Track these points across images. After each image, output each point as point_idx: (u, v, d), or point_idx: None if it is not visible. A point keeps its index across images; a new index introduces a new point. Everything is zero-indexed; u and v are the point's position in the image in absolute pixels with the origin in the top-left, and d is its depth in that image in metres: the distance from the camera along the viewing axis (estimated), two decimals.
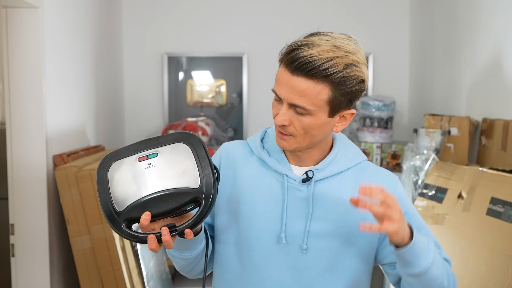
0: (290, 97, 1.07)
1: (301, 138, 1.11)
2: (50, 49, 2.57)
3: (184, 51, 4.21)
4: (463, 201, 2.14)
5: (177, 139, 1.09)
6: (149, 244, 1.04)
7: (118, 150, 1.10)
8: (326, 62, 1.04)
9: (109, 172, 1.08)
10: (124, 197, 1.06)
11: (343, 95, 1.08)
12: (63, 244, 2.69)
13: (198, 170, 1.07)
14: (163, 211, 1.05)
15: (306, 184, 1.16)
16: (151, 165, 1.07)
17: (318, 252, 1.15)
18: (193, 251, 1.18)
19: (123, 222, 1.05)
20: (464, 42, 3.00)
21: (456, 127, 2.68)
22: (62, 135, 2.73)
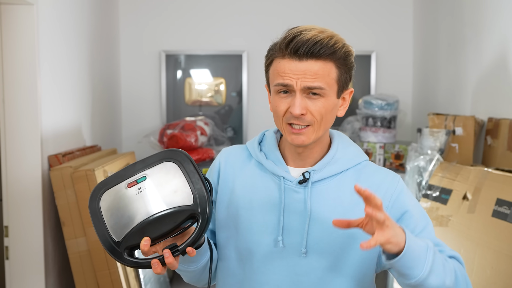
0: (304, 82, 1.09)
1: (317, 126, 1.12)
2: (45, 47, 2.57)
3: (182, 48, 4.21)
4: (468, 202, 2.14)
5: (162, 158, 1.11)
6: (154, 269, 1.05)
7: (106, 179, 1.12)
8: (329, 40, 1.10)
9: (101, 204, 1.10)
10: (120, 226, 1.07)
11: (346, 72, 1.14)
12: (58, 247, 2.69)
13: (189, 186, 1.08)
14: (161, 234, 1.06)
15: (303, 185, 1.16)
16: (141, 189, 1.08)
17: (317, 255, 1.15)
18: (198, 263, 1.19)
19: (124, 251, 1.07)
20: (469, 39, 3.00)
21: (461, 127, 2.68)
22: (57, 135, 2.73)
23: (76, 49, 3.09)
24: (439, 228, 2.21)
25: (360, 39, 4.18)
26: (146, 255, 1.06)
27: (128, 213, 1.07)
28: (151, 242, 1.05)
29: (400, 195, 1.17)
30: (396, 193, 1.17)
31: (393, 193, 1.16)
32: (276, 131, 1.26)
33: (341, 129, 3.90)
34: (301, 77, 1.09)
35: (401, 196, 1.17)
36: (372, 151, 3.55)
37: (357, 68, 4.19)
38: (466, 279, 1.14)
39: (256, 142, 1.25)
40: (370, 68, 4.18)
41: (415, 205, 1.19)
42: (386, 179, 1.19)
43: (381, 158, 3.54)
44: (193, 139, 3.60)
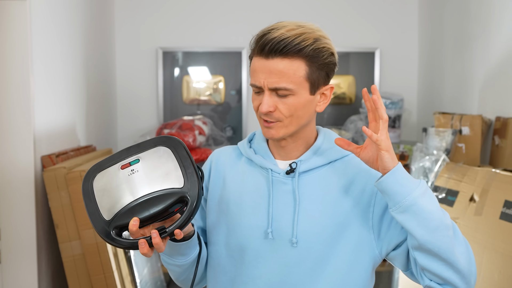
0: (270, 82, 1.15)
1: (288, 122, 1.18)
2: (38, 44, 2.57)
3: (180, 45, 4.21)
4: (475, 204, 2.14)
5: (157, 143, 1.18)
6: (141, 249, 1.09)
7: (100, 161, 1.18)
8: (296, 38, 1.13)
9: (94, 184, 1.15)
10: (110, 206, 1.12)
11: (319, 68, 1.17)
12: (52, 250, 2.69)
13: (181, 169, 1.14)
14: (150, 215, 1.11)
15: (291, 176, 1.22)
16: (134, 171, 1.14)
17: (307, 245, 1.19)
18: (187, 257, 1.23)
19: (113, 231, 1.11)
20: (476, 35, 3.00)
21: (468, 126, 2.68)
22: (51, 135, 2.73)
23: (70, 46, 3.09)
24: None
25: (364, 36, 4.18)
26: (134, 236, 1.10)
27: (119, 193, 1.13)
28: (140, 224, 1.09)
29: None
30: None
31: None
32: None
33: (344, 128, 3.90)
34: (267, 76, 1.15)
35: None
36: None
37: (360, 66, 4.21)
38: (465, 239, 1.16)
39: (247, 140, 1.33)
40: (374, 66, 4.18)
41: None
42: (371, 172, 1.23)
43: None
44: (191, 139, 3.61)
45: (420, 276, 1.17)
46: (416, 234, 1.09)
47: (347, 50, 4.18)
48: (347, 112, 4.20)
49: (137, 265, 2.85)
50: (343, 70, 4.22)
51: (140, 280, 2.85)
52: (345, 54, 4.19)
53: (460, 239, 1.13)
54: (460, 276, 1.12)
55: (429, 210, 1.08)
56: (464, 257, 1.12)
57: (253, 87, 1.19)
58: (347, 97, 4.24)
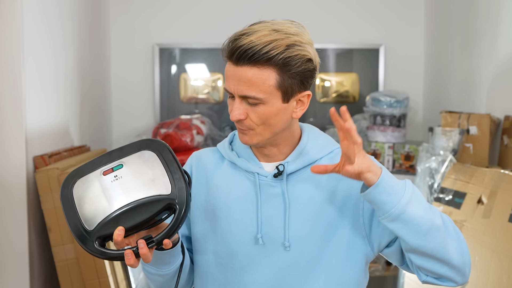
0: (239, 89, 1.14)
1: (261, 130, 1.18)
2: (30, 40, 2.57)
3: (177, 42, 4.21)
4: (483, 206, 2.14)
5: (141, 147, 1.14)
6: (127, 260, 1.07)
7: (80, 166, 1.14)
8: (266, 46, 1.11)
9: (73, 191, 1.11)
10: (93, 214, 1.09)
11: (291, 77, 1.14)
12: (44, 254, 2.69)
13: (168, 175, 1.11)
14: (136, 224, 1.08)
15: (279, 179, 1.22)
16: (117, 177, 1.11)
17: (300, 247, 1.20)
18: (171, 266, 1.22)
19: (96, 241, 1.08)
20: (484, 32, 3.00)
21: (476, 126, 2.68)
22: (43, 134, 2.73)
23: (63, 42, 3.09)
24: None
25: (368, 32, 4.18)
26: (118, 246, 1.08)
27: (102, 201, 1.09)
28: (125, 233, 1.07)
29: None
30: None
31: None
32: None
33: None
34: (237, 83, 1.15)
35: None
36: (381, 151, 3.55)
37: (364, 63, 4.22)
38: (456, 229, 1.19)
39: (227, 142, 1.32)
40: (378, 63, 4.18)
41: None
42: None
43: (390, 159, 3.55)
44: (188, 138, 3.61)
45: (417, 272, 1.20)
46: (408, 240, 1.11)
47: (351, 47, 4.18)
48: (351, 110, 4.19)
49: (133, 270, 2.86)
50: (346, 67, 4.23)
51: (136, 285, 2.85)
52: (348, 51, 4.20)
53: (451, 234, 1.16)
54: (455, 271, 1.16)
55: (419, 216, 1.10)
56: (458, 252, 1.16)
57: (226, 91, 1.19)
58: (351, 96, 4.25)
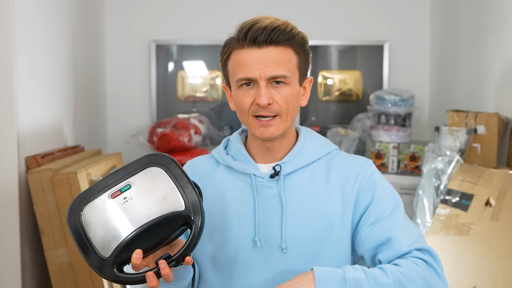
0: (268, 71, 1.18)
1: (285, 116, 1.21)
2: (22, 37, 2.57)
3: (174, 38, 4.21)
4: (491, 208, 2.14)
5: (146, 163, 1.13)
6: (149, 283, 1.07)
7: (85, 191, 1.13)
8: (286, 26, 1.20)
9: (82, 219, 1.10)
10: (107, 241, 1.08)
11: (305, 58, 1.24)
12: (37, 258, 2.69)
13: (179, 190, 1.10)
14: (153, 244, 1.08)
15: (276, 179, 1.24)
16: (127, 199, 1.10)
17: (298, 250, 1.21)
18: (184, 281, 1.23)
19: (114, 268, 1.08)
20: (492, 28, 3.00)
21: (484, 125, 2.68)
22: (36, 134, 2.74)
23: (56, 39, 3.09)
24: (459, 237, 2.21)
25: (372, 28, 4.18)
26: (137, 269, 1.09)
27: (115, 226, 1.08)
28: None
29: (370, 178, 1.25)
30: (366, 177, 1.25)
31: (363, 177, 1.25)
32: (241, 132, 1.34)
33: (351, 127, 3.90)
34: (263, 66, 1.18)
35: (371, 180, 1.25)
36: (385, 151, 3.55)
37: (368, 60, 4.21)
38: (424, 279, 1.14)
39: (222, 147, 1.34)
40: (383, 60, 4.18)
41: (385, 188, 1.26)
42: (357, 163, 1.28)
43: (395, 159, 3.55)
44: (186, 138, 3.61)
45: None
46: None
47: (354, 43, 4.18)
48: (354, 109, 4.20)
49: None
50: (349, 64, 4.23)
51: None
52: (351, 48, 4.20)
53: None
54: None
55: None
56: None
57: (240, 81, 1.20)
58: (354, 94, 4.25)
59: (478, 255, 2.08)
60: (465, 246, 2.15)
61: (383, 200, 1.23)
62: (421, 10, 4.20)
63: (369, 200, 1.23)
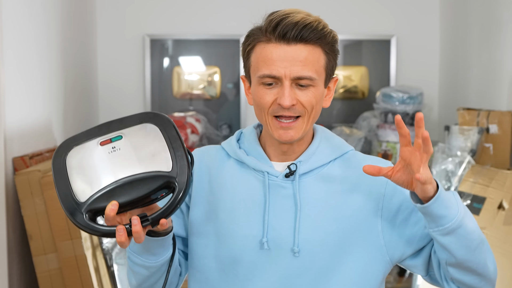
0: (294, 71, 1.15)
1: (307, 118, 1.19)
2: (10, 31, 2.57)
3: (170, 32, 4.21)
4: (504, 212, 2.14)
5: (143, 119, 1.14)
6: (118, 236, 1.07)
7: (76, 135, 1.14)
8: (318, 24, 1.17)
9: (67, 160, 1.12)
10: (85, 186, 1.09)
11: (333, 58, 1.21)
12: (24, 264, 2.69)
13: (170, 151, 1.11)
14: (131, 199, 1.08)
15: (290, 179, 1.22)
16: (115, 148, 1.11)
17: (310, 254, 1.20)
18: (159, 257, 1.21)
19: (86, 214, 1.08)
20: (505, 22, 3.00)
21: (496, 124, 2.68)
22: (23, 134, 2.74)
23: (46, 33, 3.09)
24: None
25: (378, 21, 4.18)
26: (109, 222, 1.08)
27: (97, 172, 1.09)
28: (118, 209, 1.07)
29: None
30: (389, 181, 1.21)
31: (387, 180, 1.21)
32: (256, 127, 1.33)
33: (356, 126, 3.90)
34: (289, 65, 1.15)
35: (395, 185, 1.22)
36: (392, 152, 3.56)
37: (374, 56, 4.21)
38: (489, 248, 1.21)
39: (234, 140, 1.32)
40: (390, 56, 4.18)
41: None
42: (378, 164, 1.22)
43: None
44: (182, 138, 3.61)
45: (446, 282, 1.21)
46: (457, 254, 1.13)
47: (360, 38, 4.18)
48: (359, 107, 4.20)
49: (121, 281, 2.86)
50: (355, 60, 4.23)
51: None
52: (357, 42, 4.20)
53: (489, 248, 1.19)
54: (488, 283, 1.20)
55: (472, 230, 1.13)
56: (494, 265, 1.19)
57: (263, 78, 1.18)
58: (359, 91, 4.25)
59: None
60: None
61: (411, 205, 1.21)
62: (431, 2, 4.20)
63: (399, 203, 1.22)
